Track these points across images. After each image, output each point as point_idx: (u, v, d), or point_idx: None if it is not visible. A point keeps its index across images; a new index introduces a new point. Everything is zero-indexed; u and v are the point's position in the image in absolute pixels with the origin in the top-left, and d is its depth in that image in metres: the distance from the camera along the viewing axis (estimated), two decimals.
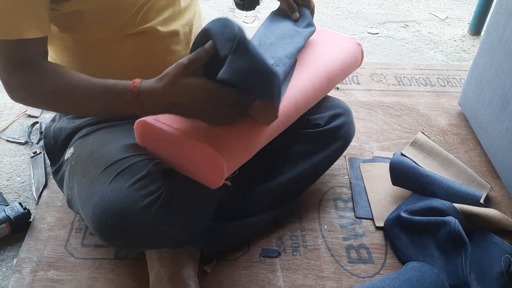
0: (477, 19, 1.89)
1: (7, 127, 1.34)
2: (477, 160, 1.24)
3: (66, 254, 0.97)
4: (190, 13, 0.96)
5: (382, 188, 1.13)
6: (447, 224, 0.92)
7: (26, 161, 1.23)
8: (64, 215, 1.06)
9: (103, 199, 0.74)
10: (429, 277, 0.84)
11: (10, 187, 1.15)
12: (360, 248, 1.01)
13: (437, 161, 1.14)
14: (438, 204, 0.98)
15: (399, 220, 1.01)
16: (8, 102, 1.44)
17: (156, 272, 0.85)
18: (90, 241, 1.00)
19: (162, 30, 0.88)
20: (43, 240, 1.00)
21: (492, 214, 0.96)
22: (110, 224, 0.73)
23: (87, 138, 0.89)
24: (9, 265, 0.97)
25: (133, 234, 0.75)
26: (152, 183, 0.76)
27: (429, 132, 1.33)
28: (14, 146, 1.28)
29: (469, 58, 1.76)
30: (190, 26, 0.95)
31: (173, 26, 0.91)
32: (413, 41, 1.88)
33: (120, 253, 0.98)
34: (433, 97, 1.50)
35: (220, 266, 0.96)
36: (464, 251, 0.89)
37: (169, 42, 0.91)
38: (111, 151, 0.82)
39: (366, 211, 1.09)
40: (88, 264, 0.96)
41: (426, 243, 0.95)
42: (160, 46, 0.90)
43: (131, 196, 0.73)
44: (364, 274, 0.96)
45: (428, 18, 2.08)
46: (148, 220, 0.74)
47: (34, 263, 0.95)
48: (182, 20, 0.93)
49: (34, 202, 1.11)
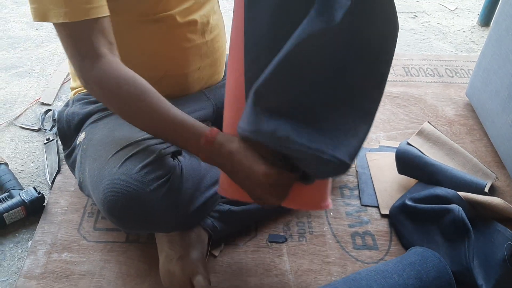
0: (486, 10, 1.88)
1: (21, 114, 1.37)
2: (483, 150, 1.25)
3: (79, 237, 1.01)
4: (209, 5, 0.98)
5: (388, 176, 1.15)
6: (451, 212, 0.94)
7: (39, 148, 1.26)
8: (76, 199, 1.08)
9: (113, 182, 0.76)
10: (431, 261, 0.85)
11: (24, 172, 1.19)
12: (365, 235, 1.03)
13: (443, 151, 1.16)
14: (443, 192, 1.00)
15: (404, 208, 1.02)
16: (22, 90, 1.47)
17: (165, 255, 0.88)
18: (102, 225, 1.03)
19: (180, 19, 0.90)
20: (57, 224, 1.03)
21: (496, 202, 0.97)
22: (120, 207, 0.76)
23: (98, 124, 0.92)
24: (24, 247, 1.00)
25: (142, 217, 0.78)
26: (160, 167, 0.79)
27: (436, 123, 1.34)
28: (28, 133, 1.31)
29: (478, 49, 1.76)
30: (208, 17, 0.97)
31: (192, 16, 0.93)
32: (422, 32, 1.88)
33: (131, 237, 1.00)
34: (440, 87, 1.50)
35: (228, 250, 0.98)
36: (467, 238, 0.91)
37: (186, 30, 0.93)
38: (121, 136, 0.85)
39: (372, 199, 1.11)
40: (100, 247, 0.99)
41: (430, 230, 0.97)
42: (177, 34, 0.92)
43: (140, 180, 0.76)
44: (369, 260, 0.98)
45: (437, 9, 2.07)
46: (156, 203, 0.77)
47: (48, 245, 0.98)
48: (201, 11, 0.95)
49: (48, 187, 1.14)
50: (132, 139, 0.82)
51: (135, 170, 0.76)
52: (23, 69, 1.58)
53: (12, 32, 1.80)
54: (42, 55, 1.65)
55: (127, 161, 0.78)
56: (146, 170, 0.77)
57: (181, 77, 0.98)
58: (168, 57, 0.89)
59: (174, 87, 0.98)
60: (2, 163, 1.15)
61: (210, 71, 1.04)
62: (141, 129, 0.80)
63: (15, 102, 1.42)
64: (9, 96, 1.44)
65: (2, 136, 1.30)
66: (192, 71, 0.99)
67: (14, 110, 1.39)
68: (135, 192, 0.75)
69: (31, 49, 1.69)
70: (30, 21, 1.87)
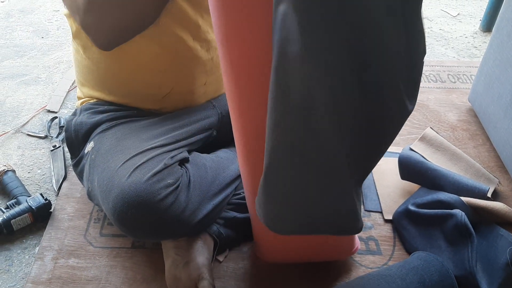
0: (488, 15, 1.89)
1: (28, 122, 1.39)
2: (485, 155, 1.26)
3: (86, 243, 1.02)
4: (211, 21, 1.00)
5: (391, 182, 1.16)
6: (454, 217, 0.95)
7: (46, 154, 1.27)
8: (83, 206, 1.10)
9: (123, 192, 0.77)
10: (434, 266, 0.86)
11: (31, 179, 1.20)
12: (369, 240, 1.04)
13: (445, 156, 1.16)
14: (446, 197, 1.00)
15: (407, 213, 1.03)
16: (28, 97, 1.49)
17: (172, 260, 0.89)
18: (108, 231, 1.04)
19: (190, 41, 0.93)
20: (64, 230, 1.04)
21: (498, 207, 0.98)
22: (130, 217, 0.77)
23: (106, 133, 0.93)
24: (31, 253, 1.01)
25: (152, 225, 0.79)
26: (169, 176, 0.80)
27: (439, 128, 1.35)
28: (34, 140, 1.33)
29: (480, 54, 1.77)
30: (212, 34, 0.98)
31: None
32: None
33: (137, 242, 1.01)
34: (443, 93, 1.51)
35: (233, 255, 0.99)
36: (470, 242, 0.91)
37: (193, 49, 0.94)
38: (129, 146, 0.86)
39: (375, 204, 1.11)
40: (106, 252, 1.00)
41: (433, 235, 0.98)
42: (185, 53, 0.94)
43: (149, 189, 0.77)
44: (372, 265, 0.98)
45: (439, 15, 2.08)
46: (165, 211, 0.78)
47: (55, 251, 1.00)
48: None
49: (54, 193, 1.15)
50: (140, 149, 0.83)
51: (144, 179, 0.77)
52: (29, 77, 1.60)
53: (19, 40, 1.82)
54: (48, 63, 1.68)
55: (136, 171, 0.79)
56: (155, 179, 0.78)
57: (187, 93, 1.00)
58: (175, 75, 0.90)
59: (180, 102, 1.00)
60: (10, 170, 1.16)
61: (216, 86, 1.05)
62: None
63: (22, 110, 1.44)
64: (16, 103, 1.46)
65: (9, 143, 1.31)
66: (198, 87, 1.01)
67: (21, 117, 1.41)
68: (145, 201, 0.76)
69: (37, 57, 1.71)
70: (37, 29, 1.89)
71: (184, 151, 0.90)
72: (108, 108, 0.99)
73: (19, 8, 2.07)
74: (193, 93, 1.01)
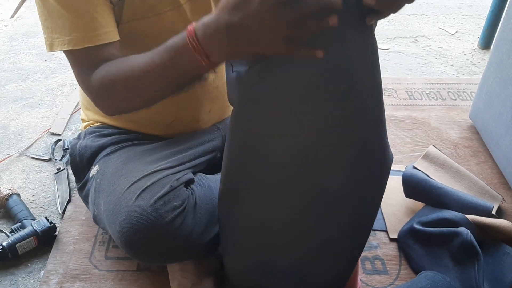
0: (486, 33, 1.92)
1: (32, 145, 1.40)
2: (488, 172, 1.26)
3: (91, 266, 1.01)
4: None
5: (395, 200, 1.16)
6: (459, 235, 0.95)
7: (50, 177, 1.27)
8: (87, 228, 1.10)
9: (130, 216, 0.77)
10: (442, 285, 0.86)
11: (35, 202, 1.20)
12: (375, 259, 1.03)
13: (449, 174, 1.17)
14: (451, 215, 1.00)
15: (412, 232, 1.03)
16: (32, 120, 1.50)
17: (177, 283, 0.89)
18: (113, 254, 1.04)
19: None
20: (68, 253, 1.04)
21: (504, 224, 0.98)
22: (137, 240, 0.77)
23: (111, 157, 0.93)
24: (36, 277, 1.01)
25: (159, 249, 0.79)
26: (175, 198, 0.80)
27: (441, 145, 1.36)
28: (38, 163, 1.33)
29: (479, 71, 1.79)
30: None
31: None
32: (423, 56, 1.91)
33: (142, 265, 1.01)
34: (444, 110, 1.52)
35: None
36: (477, 261, 0.91)
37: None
38: (134, 169, 0.86)
39: (380, 223, 1.11)
40: (111, 275, 0.99)
41: (439, 254, 0.97)
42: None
43: (156, 212, 0.77)
44: (379, 285, 0.98)
45: (437, 33, 2.11)
46: (172, 234, 0.78)
47: (60, 275, 0.99)
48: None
49: (59, 216, 1.15)
50: (146, 171, 0.84)
51: (150, 202, 0.77)
52: (33, 100, 1.61)
53: (22, 64, 1.84)
54: (51, 86, 1.69)
55: (142, 194, 0.79)
56: (162, 201, 0.78)
57: (191, 121, 1.01)
58: (179, 103, 0.89)
59: (185, 128, 1.00)
60: (14, 194, 1.17)
61: (220, 112, 1.05)
62: (155, 96, 0.76)
63: (26, 133, 1.45)
64: (19, 127, 1.47)
65: (14, 166, 1.32)
66: (203, 114, 1.01)
67: (25, 140, 1.41)
68: (152, 225, 0.76)
69: (41, 80, 1.73)
70: (40, 53, 1.91)
71: (189, 172, 0.90)
72: (112, 131, 1.00)
73: (22, 32, 2.10)
74: (198, 121, 1.01)
